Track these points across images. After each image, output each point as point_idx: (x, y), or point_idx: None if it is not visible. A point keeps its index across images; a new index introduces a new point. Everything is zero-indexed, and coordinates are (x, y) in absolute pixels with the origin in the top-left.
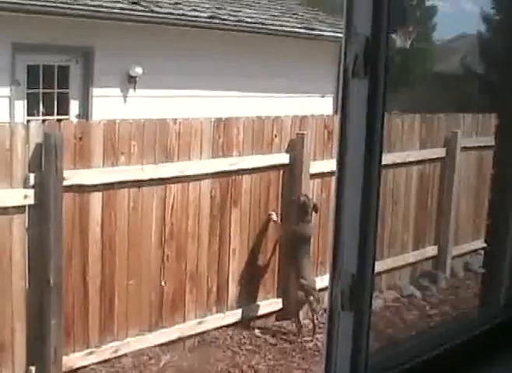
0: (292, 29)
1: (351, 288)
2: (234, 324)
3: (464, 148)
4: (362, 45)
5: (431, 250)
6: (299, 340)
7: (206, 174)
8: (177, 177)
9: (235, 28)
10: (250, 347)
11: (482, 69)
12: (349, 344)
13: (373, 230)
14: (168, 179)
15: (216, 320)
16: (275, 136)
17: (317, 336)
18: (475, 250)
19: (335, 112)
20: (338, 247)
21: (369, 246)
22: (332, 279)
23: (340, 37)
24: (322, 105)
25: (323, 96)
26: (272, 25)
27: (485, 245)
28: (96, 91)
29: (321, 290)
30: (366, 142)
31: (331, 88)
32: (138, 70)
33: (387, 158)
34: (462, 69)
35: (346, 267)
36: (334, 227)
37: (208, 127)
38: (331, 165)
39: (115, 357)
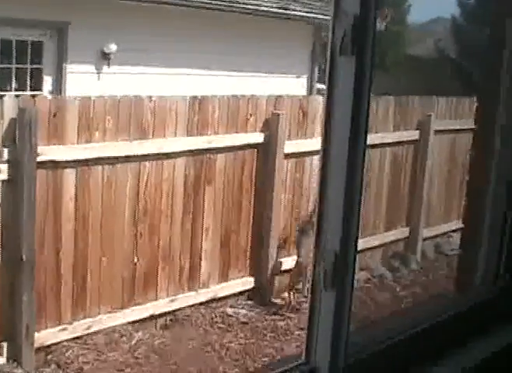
0: (267, 9)
1: (334, 267)
2: (206, 302)
3: (438, 131)
4: (350, 23)
5: (402, 232)
6: (271, 319)
7: (181, 152)
8: (151, 155)
9: (211, 6)
10: (222, 326)
11: (456, 53)
12: (330, 323)
13: (357, 208)
14: (143, 156)
15: (188, 298)
16: (250, 115)
17: (290, 314)
18: (446, 233)
19: (309, 93)
20: (322, 226)
21: (352, 225)
22: (315, 258)
23: (316, 18)
24: (297, 86)
25: (298, 77)
26: (248, 4)
27: (455, 227)
28: (69, 67)
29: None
30: (351, 120)
31: (306, 70)
32: (113, 47)
33: None
34: (436, 53)
35: (330, 246)
36: (318, 206)
37: (183, 105)
38: (305, 145)
39: (87, 334)
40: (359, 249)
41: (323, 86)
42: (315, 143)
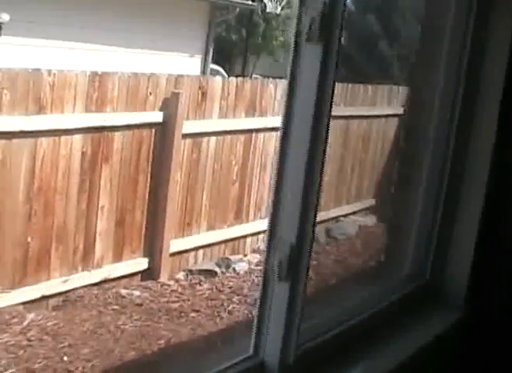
0: None
1: (289, 258)
2: (100, 283)
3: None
4: (319, 10)
5: None
6: (165, 301)
7: (79, 129)
8: (49, 131)
9: None
10: (116, 307)
11: (346, 40)
12: (283, 314)
13: (316, 198)
14: (40, 132)
15: (82, 279)
16: (150, 94)
17: (183, 297)
18: (337, 217)
19: (203, 73)
20: (277, 216)
21: (310, 216)
22: (269, 248)
23: None
24: (191, 65)
25: (192, 56)
26: None
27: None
28: None
29: (185, 251)
30: (315, 108)
31: (201, 50)
32: (5, 16)
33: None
34: None
35: (286, 237)
36: (273, 195)
37: (83, 80)
38: (203, 125)
39: None
40: (251, 232)
41: (217, 67)
42: (213, 124)
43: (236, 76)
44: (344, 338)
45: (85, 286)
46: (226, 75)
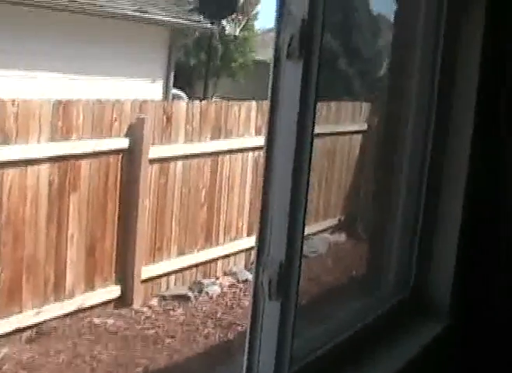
0: (124, 12)
1: (279, 276)
2: (73, 313)
3: None
4: (297, 26)
5: None
6: (139, 328)
7: (45, 158)
8: (14, 161)
9: (67, 8)
10: (90, 337)
11: None
12: (275, 333)
13: (303, 215)
14: (5, 163)
15: (54, 309)
16: (115, 120)
17: (158, 323)
18: (306, 236)
19: (165, 97)
20: (265, 234)
21: (298, 232)
22: (258, 266)
23: (173, 22)
24: (153, 90)
25: (153, 81)
26: (104, 6)
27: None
28: None
29: (157, 277)
30: (297, 125)
31: (162, 74)
32: None
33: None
34: None
35: (275, 255)
36: (261, 213)
37: (48, 109)
38: (170, 150)
39: None
40: (222, 254)
41: (178, 91)
42: (180, 148)
43: (200, 99)
44: (334, 355)
45: (58, 317)
46: (187, 99)
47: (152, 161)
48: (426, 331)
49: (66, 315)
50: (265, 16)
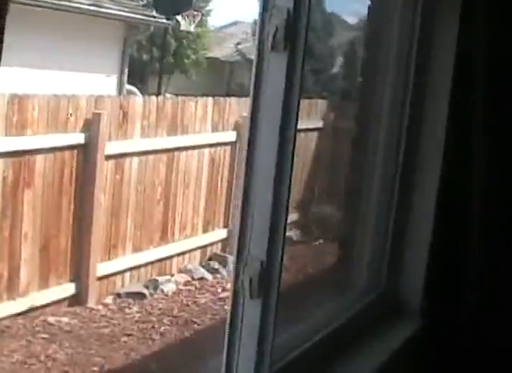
0: (77, 5)
1: (260, 276)
2: (27, 311)
3: None
4: (283, 18)
5: (221, 233)
6: (95, 326)
7: None
8: None
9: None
10: (45, 336)
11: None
12: (256, 333)
13: (285, 213)
14: None
15: (7, 308)
16: (71, 115)
17: (114, 321)
18: None
19: (119, 93)
20: (245, 232)
21: (279, 231)
22: (238, 265)
23: (128, 17)
24: (106, 85)
25: (108, 76)
26: None
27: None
28: None
29: (112, 275)
30: (281, 118)
31: (116, 69)
32: None
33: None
34: (237, 55)
35: (255, 254)
36: (241, 211)
37: (2, 103)
38: (126, 146)
39: None
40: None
41: (131, 87)
42: (136, 144)
43: (156, 95)
44: (312, 355)
45: (11, 315)
46: (140, 95)
47: (108, 157)
48: (397, 332)
49: (20, 314)
50: (217, 14)
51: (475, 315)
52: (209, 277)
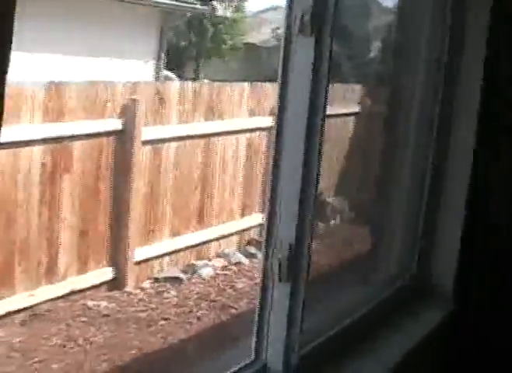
0: None
1: (289, 259)
2: (66, 295)
3: None
4: (309, 4)
5: (258, 218)
6: (133, 310)
7: (37, 140)
8: (5, 143)
9: None
10: (84, 319)
11: None
12: (285, 316)
13: (313, 197)
14: None
15: (47, 292)
16: (108, 101)
17: (151, 305)
18: None
19: (157, 79)
20: (274, 216)
21: (307, 215)
22: (267, 248)
23: (164, 3)
24: (143, 71)
25: (146, 62)
26: None
27: None
28: None
29: (150, 259)
30: (310, 103)
31: (153, 55)
32: None
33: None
34: (274, 40)
35: (284, 238)
36: (270, 195)
37: (40, 91)
38: (163, 131)
39: None
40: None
41: (168, 73)
42: (173, 129)
43: (191, 80)
44: (342, 338)
45: (51, 299)
46: (177, 80)
47: (145, 142)
48: (428, 317)
49: (59, 298)
50: None
51: (508, 300)
52: (246, 261)
